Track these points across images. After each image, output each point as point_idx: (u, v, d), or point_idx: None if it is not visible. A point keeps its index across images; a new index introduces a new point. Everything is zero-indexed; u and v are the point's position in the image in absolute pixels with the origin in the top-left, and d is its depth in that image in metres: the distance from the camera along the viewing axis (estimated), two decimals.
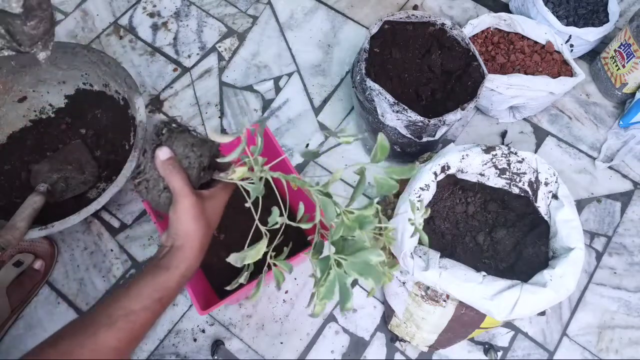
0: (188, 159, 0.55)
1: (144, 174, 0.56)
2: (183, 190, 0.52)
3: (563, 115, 1.17)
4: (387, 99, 0.87)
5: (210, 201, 0.55)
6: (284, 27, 1.25)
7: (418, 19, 0.99)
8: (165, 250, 0.53)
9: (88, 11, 1.25)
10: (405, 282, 0.81)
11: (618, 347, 0.95)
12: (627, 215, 1.07)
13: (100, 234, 1.01)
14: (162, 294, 0.50)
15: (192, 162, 0.55)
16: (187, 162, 0.55)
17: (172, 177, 0.53)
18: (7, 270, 0.91)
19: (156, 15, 1.25)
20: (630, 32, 1.07)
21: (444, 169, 0.82)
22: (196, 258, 0.54)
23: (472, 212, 0.86)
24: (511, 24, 1.12)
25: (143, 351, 0.92)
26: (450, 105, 0.91)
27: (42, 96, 1.05)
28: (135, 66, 1.18)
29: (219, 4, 1.28)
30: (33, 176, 0.97)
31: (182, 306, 0.95)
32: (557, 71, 1.08)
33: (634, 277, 1.01)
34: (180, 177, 0.53)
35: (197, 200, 0.53)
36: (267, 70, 1.20)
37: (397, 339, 0.94)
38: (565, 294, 0.70)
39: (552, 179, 0.81)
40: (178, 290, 0.52)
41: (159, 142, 0.55)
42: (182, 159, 0.55)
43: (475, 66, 0.94)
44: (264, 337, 0.94)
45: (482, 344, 0.94)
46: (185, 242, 0.53)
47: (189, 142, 0.56)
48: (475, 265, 0.78)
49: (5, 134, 1.02)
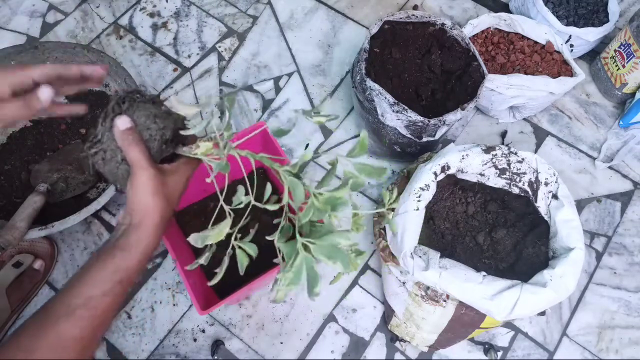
0: (149, 130, 0.52)
1: (101, 143, 0.51)
2: (141, 162, 0.49)
3: (563, 115, 1.17)
4: (387, 99, 0.87)
5: (172, 176, 0.52)
6: (284, 27, 1.25)
7: (418, 19, 0.99)
8: (122, 228, 0.49)
9: (88, 11, 1.25)
10: (405, 282, 0.81)
11: (618, 347, 0.95)
12: (627, 215, 1.07)
13: (100, 234, 1.01)
14: (122, 276, 0.47)
15: (153, 134, 0.52)
16: (148, 134, 0.51)
17: (130, 148, 0.49)
18: (7, 270, 0.90)
19: (156, 15, 1.25)
20: (630, 32, 1.07)
21: (444, 169, 0.82)
22: (156, 236, 0.50)
23: (472, 212, 0.86)
24: (511, 24, 1.12)
25: (143, 351, 0.92)
26: (450, 105, 0.91)
27: None
28: (135, 66, 1.18)
29: (219, 4, 1.28)
30: (33, 176, 0.97)
31: (182, 306, 0.96)
32: (557, 71, 1.08)
33: (634, 277, 1.01)
34: (139, 150, 0.49)
35: (156, 174, 0.50)
36: (267, 70, 1.20)
37: (397, 339, 0.94)
38: (565, 294, 0.71)
39: (552, 179, 0.81)
40: (139, 270, 0.49)
41: (119, 111, 0.51)
42: (143, 130, 0.51)
43: (475, 66, 0.94)
44: (264, 337, 0.94)
45: (482, 344, 0.94)
46: (143, 219, 0.49)
47: (152, 112, 0.52)
48: (475, 265, 0.78)
49: (5, 134, 1.02)
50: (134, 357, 0.91)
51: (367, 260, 1.01)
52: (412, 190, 0.79)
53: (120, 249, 0.48)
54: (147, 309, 0.95)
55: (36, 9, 1.25)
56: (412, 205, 0.78)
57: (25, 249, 0.94)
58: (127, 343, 0.92)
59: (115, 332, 0.93)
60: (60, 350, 0.43)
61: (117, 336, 0.93)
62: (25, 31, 1.22)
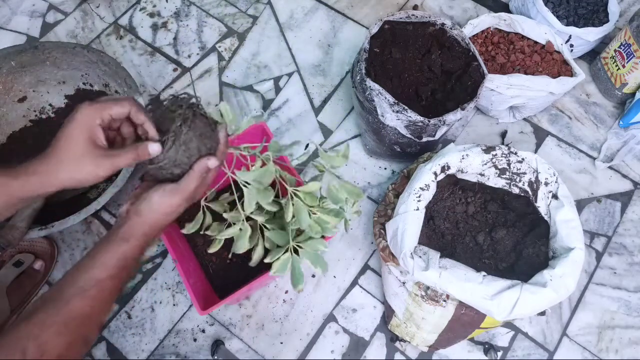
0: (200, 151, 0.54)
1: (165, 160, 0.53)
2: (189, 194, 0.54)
3: (563, 115, 1.17)
4: (387, 99, 0.87)
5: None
6: (284, 27, 1.25)
7: (418, 19, 0.99)
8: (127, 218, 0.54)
9: (88, 11, 1.25)
10: (405, 282, 0.81)
11: (618, 347, 0.95)
12: (627, 215, 1.07)
13: (100, 234, 1.01)
14: (125, 263, 0.52)
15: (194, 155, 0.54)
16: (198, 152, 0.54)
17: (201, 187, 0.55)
18: (7, 270, 0.91)
19: (156, 15, 1.25)
20: (630, 32, 1.07)
21: (444, 169, 0.82)
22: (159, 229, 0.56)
23: (472, 212, 0.86)
24: (511, 24, 1.12)
25: (143, 351, 0.92)
26: (450, 105, 0.91)
27: (42, 96, 1.05)
28: (135, 66, 1.18)
29: (219, 4, 1.28)
30: None
31: (182, 306, 0.96)
32: (557, 71, 1.08)
33: (634, 277, 1.01)
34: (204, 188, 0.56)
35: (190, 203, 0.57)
36: (267, 70, 1.20)
37: (397, 339, 0.94)
38: (565, 294, 0.71)
39: (552, 179, 0.81)
40: (140, 256, 0.55)
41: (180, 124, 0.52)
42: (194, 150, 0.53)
43: (475, 66, 0.94)
44: (264, 337, 0.94)
45: (482, 344, 0.94)
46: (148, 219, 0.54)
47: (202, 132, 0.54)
48: (475, 265, 0.78)
49: (5, 134, 1.02)
50: (134, 357, 0.91)
51: (367, 260, 1.01)
52: (412, 190, 0.79)
53: (125, 239, 0.52)
54: (147, 309, 0.95)
55: (36, 9, 1.25)
56: (412, 205, 0.78)
57: (25, 248, 0.94)
58: (127, 343, 0.92)
59: (115, 332, 0.93)
60: (73, 325, 0.48)
61: (117, 336, 0.93)
62: (25, 31, 1.22)
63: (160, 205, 0.54)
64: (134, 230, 0.53)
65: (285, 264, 0.60)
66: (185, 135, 0.52)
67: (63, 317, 0.47)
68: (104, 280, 0.50)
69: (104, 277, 0.50)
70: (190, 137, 0.53)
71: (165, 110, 0.53)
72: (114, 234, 0.53)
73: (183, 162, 0.53)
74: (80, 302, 0.48)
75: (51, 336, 0.46)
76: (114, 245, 0.52)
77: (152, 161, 0.53)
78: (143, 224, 0.53)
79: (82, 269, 0.51)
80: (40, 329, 0.46)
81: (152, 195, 0.54)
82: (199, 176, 0.54)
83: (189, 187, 0.54)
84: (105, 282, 0.50)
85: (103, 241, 0.53)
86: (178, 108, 0.53)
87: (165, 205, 0.54)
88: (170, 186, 0.54)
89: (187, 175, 0.54)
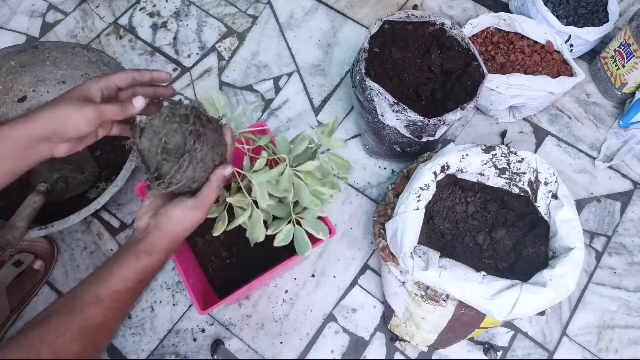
0: (214, 162, 0.54)
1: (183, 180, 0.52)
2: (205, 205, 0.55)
3: (563, 115, 1.17)
4: (387, 99, 0.87)
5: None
6: (284, 27, 1.25)
7: (418, 19, 0.99)
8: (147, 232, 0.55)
9: (88, 11, 1.25)
10: (405, 282, 0.81)
11: (618, 347, 0.95)
12: (627, 215, 1.07)
13: (100, 234, 1.01)
14: (144, 277, 0.53)
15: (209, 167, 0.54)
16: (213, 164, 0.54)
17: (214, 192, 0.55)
18: (7, 270, 0.90)
19: (156, 15, 1.25)
20: (630, 32, 1.07)
21: (444, 169, 0.82)
22: (178, 244, 0.57)
23: (472, 212, 0.86)
24: (511, 24, 1.12)
25: (143, 351, 0.92)
26: (450, 105, 0.91)
27: (42, 96, 1.05)
28: (135, 66, 1.18)
29: (219, 4, 1.28)
30: (33, 176, 0.97)
31: (182, 306, 0.96)
32: (557, 71, 1.08)
33: (634, 277, 1.01)
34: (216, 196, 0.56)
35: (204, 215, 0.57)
36: (267, 70, 1.20)
37: (397, 339, 0.94)
38: (565, 294, 0.71)
39: (552, 179, 0.81)
40: (159, 270, 0.56)
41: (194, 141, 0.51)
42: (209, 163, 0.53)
43: (475, 66, 0.94)
44: (264, 337, 0.94)
45: (482, 344, 0.94)
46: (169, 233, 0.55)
47: (214, 142, 0.53)
48: (475, 265, 0.78)
49: None
50: (134, 357, 0.91)
51: (367, 260, 1.01)
52: (412, 190, 0.79)
53: (147, 253, 0.53)
54: (147, 309, 0.95)
55: (36, 9, 1.25)
56: (412, 205, 0.78)
57: (25, 248, 0.94)
58: (127, 343, 0.92)
59: None
60: (87, 333, 0.49)
61: (117, 336, 0.93)
62: (25, 31, 1.22)
63: (182, 220, 0.54)
64: (155, 245, 0.54)
65: (289, 234, 0.64)
66: (201, 152, 0.52)
67: (78, 325, 0.48)
68: (120, 291, 0.51)
69: (121, 289, 0.51)
70: (205, 152, 0.52)
71: (168, 122, 0.52)
72: (132, 247, 0.53)
73: (201, 177, 0.54)
74: (96, 311, 0.49)
75: (66, 343, 0.47)
76: (132, 258, 0.53)
77: (170, 185, 0.52)
78: (164, 238, 0.54)
79: (99, 279, 0.52)
80: (55, 335, 0.47)
81: (172, 211, 0.54)
82: (218, 187, 0.55)
83: (210, 200, 0.55)
84: (121, 293, 0.51)
85: (121, 253, 0.53)
86: (184, 119, 0.52)
87: (187, 220, 0.55)
88: (192, 202, 0.54)
89: (206, 188, 0.55)
